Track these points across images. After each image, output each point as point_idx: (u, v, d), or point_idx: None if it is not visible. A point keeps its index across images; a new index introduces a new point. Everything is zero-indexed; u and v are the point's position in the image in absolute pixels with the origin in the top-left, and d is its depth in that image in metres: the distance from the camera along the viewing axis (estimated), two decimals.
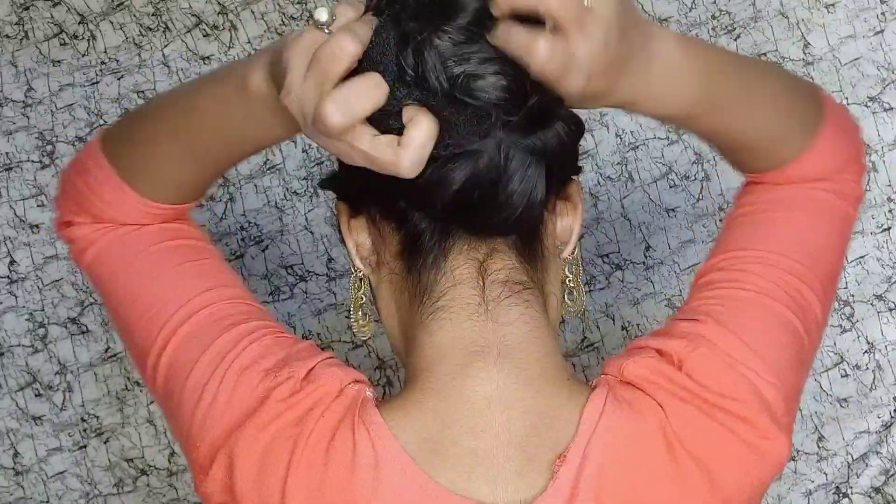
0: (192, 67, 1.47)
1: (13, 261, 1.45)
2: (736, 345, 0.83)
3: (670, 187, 1.46)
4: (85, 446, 1.45)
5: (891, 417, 1.46)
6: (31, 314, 1.45)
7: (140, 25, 1.46)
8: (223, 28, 1.47)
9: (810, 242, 0.90)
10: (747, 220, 0.91)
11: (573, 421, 0.80)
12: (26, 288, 1.45)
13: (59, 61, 1.46)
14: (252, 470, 0.80)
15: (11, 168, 1.45)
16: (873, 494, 1.45)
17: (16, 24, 1.46)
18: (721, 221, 1.45)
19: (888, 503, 1.45)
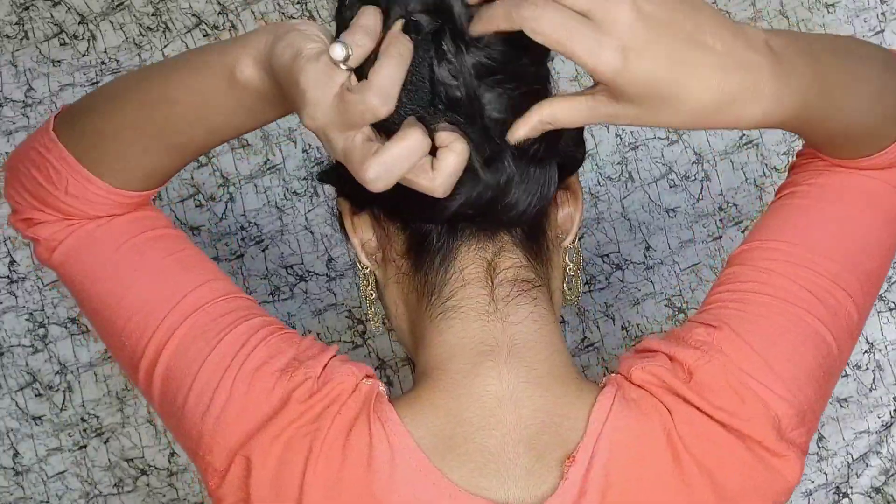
0: None
1: (13, 261, 1.45)
2: (750, 357, 0.80)
3: (670, 187, 1.46)
4: (85, 446, 1.45)
5: (891, 417, 1.45)
6: (31, 314, 1.45)
7: (140, 25, 1.46)
8: (223, 28, 1.47)
9: (853, 239, 0.84)
10: (793, 205, 0.86)
11: (581, 420, 0.80)
12: (26, 288, 1.45)
13: (59, 61, 1.46)
14: (270, 469, 0.79)
15: None
16: (873, 494, 1.45)
17: (16, 24, 1.46)
18: (721, 221, 1.45)
19: (888, 503, 1.45)
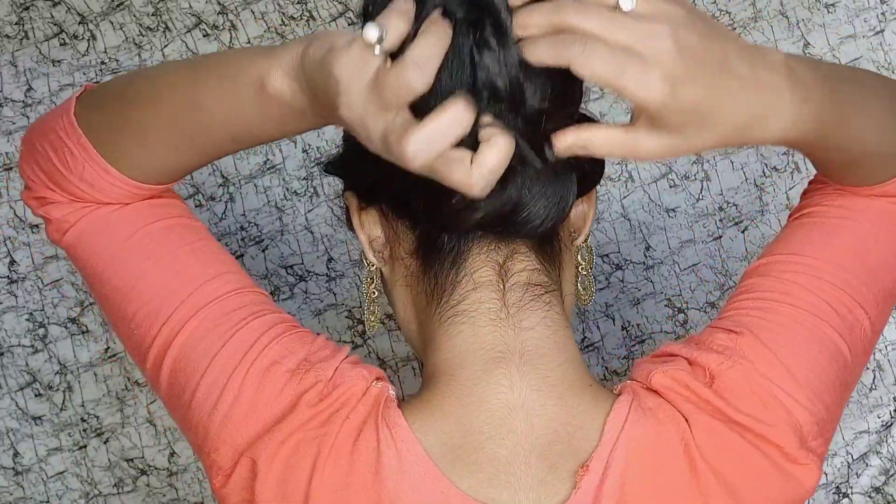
0: None
1: (13, 261, 1.45)
2: (773, 364, 0.80)
3: (670, 187, 1.46)
4: (85, 446, 1.45)
5: (891, 417, 1.45)
6: (31, 314, 1.45)
7: (140, 25, 1.46)
8: (223, 28, 1.47)
9: (874, 256, 0.85)
10: (814, 223, 0.86)
11: (596, 429, 0.79)
12: (26, 288, 1.45)
13: (59, 61, 1.46)
14: (276, 472, 0.79)
15: (11, 168, 1.45)
16: (873, 494, 1.45)
17: (16, 24, 1.46)
18: (721, 221, 1.45)
19: (888, 503, 1.45)
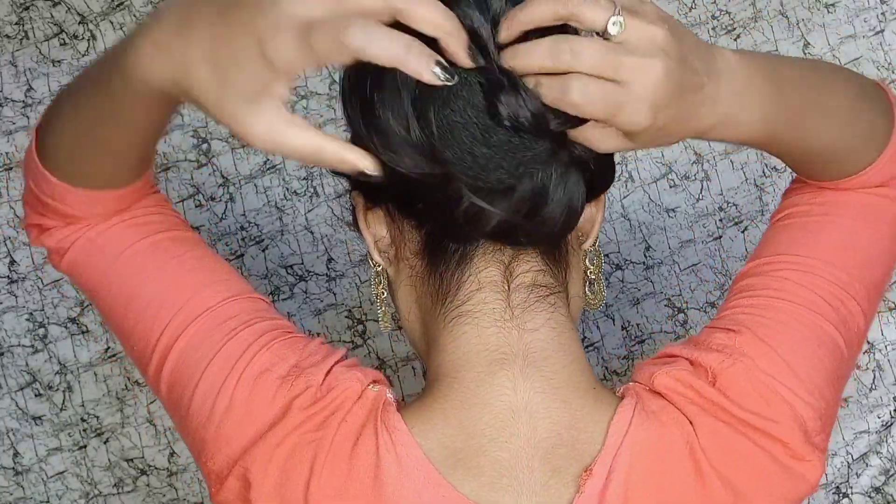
0: None
1: (13, 261, 1.45)
2: (774, 360, 0.80)
3: (670, 187, 1.46)
4: (85, 446, 1.45)
5: (891, 417, 1.45)
6: (31, 314, 1.45)
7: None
8: None
9: (861, 251, 0.86)
10: (796, 223, 0.87)
11: (600, 433, 0.78)
12: (26, 288, 1.45)
13: (59, 61, 1.46)
14: (273, 477, 0.78)
15: (11, 168, 1.45)
16: (873, 494, 1.45)
17: (16, 24, 1.46)
18: (721, 221, 1.45)
19: (888, 503, 1.45)
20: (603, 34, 0.70)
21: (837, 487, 1.45)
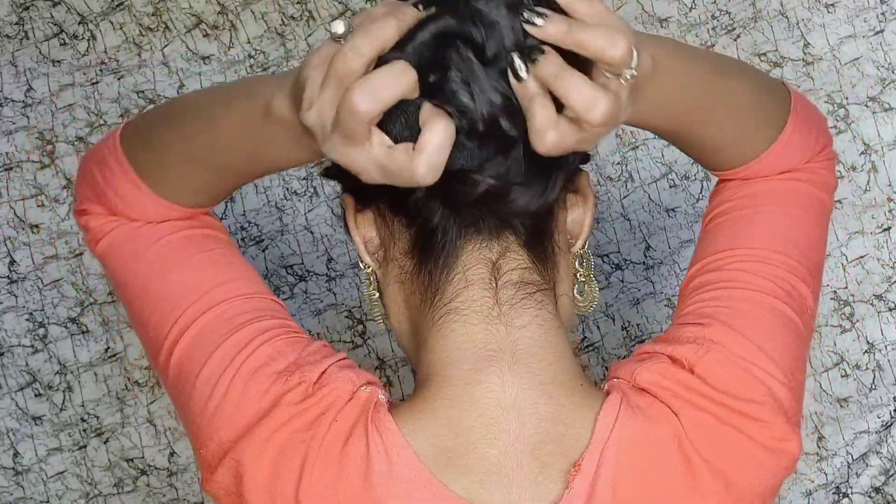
0: (192, 67, 1.47)
1: (13, 261, 1.45)
2: (745, 346, 0.82)
3: (670, 187, 1.46)
4: (85, 446, 1.45)
5: (891, 417, 1.46)
6: (31, 314, 1.45)
7: (140, 25, 1.46)
8: (223, 28, 1.47)
9: (795, 234, 0.89)
10: (729, 220, 0.90)
11: (587, 428, 0.79)
12: (26, 288, 1.45)
13: (59, 61, 1.46)
14: (263, 474, 0.79)
15: (11, 168, 1.45)
16: (873, 494, 1.45)
17: (16, 24, 1.46)
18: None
19: (888, 503, 1.45)
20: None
21: (837, 487, 1.45)
